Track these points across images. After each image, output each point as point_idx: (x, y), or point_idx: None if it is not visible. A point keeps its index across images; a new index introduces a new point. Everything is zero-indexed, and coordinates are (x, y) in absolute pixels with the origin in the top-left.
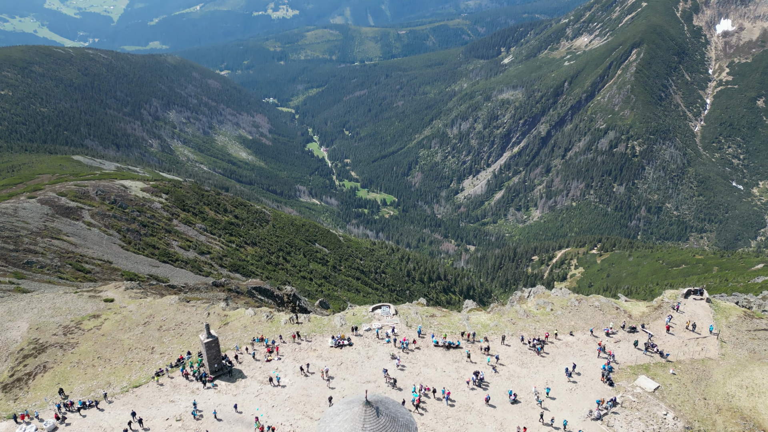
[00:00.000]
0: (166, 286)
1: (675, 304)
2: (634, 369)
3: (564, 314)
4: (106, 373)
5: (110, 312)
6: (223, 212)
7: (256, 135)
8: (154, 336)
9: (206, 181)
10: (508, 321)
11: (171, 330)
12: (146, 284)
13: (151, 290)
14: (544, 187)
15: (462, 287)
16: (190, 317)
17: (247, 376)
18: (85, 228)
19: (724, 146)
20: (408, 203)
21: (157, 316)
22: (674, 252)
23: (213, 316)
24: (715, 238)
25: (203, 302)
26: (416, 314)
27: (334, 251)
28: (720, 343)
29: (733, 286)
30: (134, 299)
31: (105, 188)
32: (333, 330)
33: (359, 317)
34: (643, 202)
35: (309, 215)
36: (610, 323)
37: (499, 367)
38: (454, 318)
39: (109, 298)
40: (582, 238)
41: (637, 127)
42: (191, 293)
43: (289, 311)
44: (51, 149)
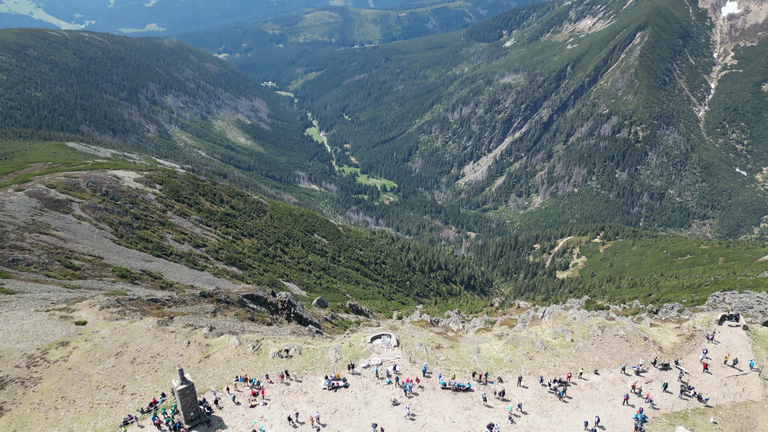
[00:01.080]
0: (148, 300)
1: (709, 333)
2: (670, 418)
3: (586, 346)
4: (69, 419)
5: (81, 338)
6: (219, 203)
7: (255, 120)
8: (126, 371)
9: (204, 168)
10: (524, 355)
11: (145, 364)
12: (125, 300)
13: (131, 306)
14: (546, 173)
15: (463, 277)
16: (168, 347)
17: (228, 425)
18: (75, 222)
19: (728, 131)
20: (408, 189)
21: (131, 345)
22: (679, 241)
23: (193, 346)
24: (718, 224)
25: (184, 325)
26: (420, 346)
27: (334, 242)
28: (763, 382)
29: (742, 281)
30: (109, 321)
31: (96, 179)
32: (327, 366)
33: (356, 349)
34: (646, 188)
35: (308, 202)
36: (640, 360)
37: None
38: (463, 350)
39: (81, 320)
40: (584, 227)
41: (641, 112)
42: (176, 307)
43: (284, 318)
44: (46, 135)
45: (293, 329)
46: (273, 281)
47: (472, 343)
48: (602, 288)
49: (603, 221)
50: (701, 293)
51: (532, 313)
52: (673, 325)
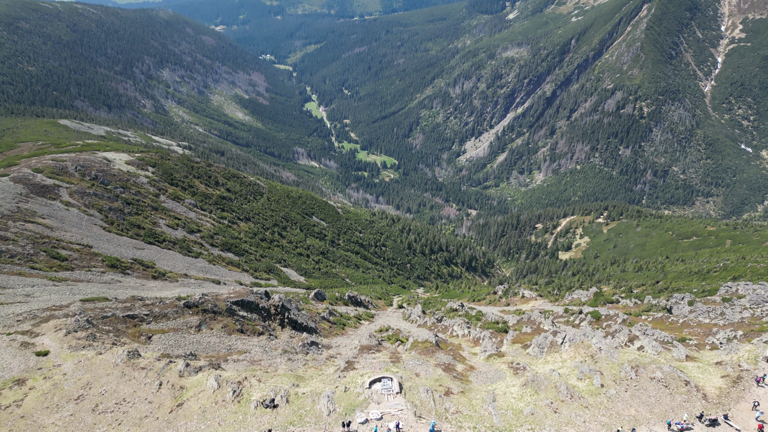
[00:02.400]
0: (124, 317)
1: (758, 376)
2: None
3: (619, 394)
4: None
5: (40, 375)
6: (215, 185)
7: (253, 94)
8: (87, 422)
9: (201, 145)
10: (547, 405)
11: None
12: (98, 318)
13: (103, 327)
14: (548, 149)
15: (464, 258)
16: (136, 390)
17: None
18: (62, 208)
19: (734, 107)
20: (408, 166)
21: (95, 386)
22: (684, 223)
23: (165, 390)
24: (722, 202)
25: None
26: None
27: (333, 224)
28: None
29: (753, 268)
30: (74, 351)
31: (85, 163)
32: (318, 420)
33: (352, 396)
34: (650, 165)
35: (307, 179)
36: (684, 414)
37: None
38: (476, 397)
39: (43, 349)
40: (587, 206)
41: (646, 87)
42: (156, 323)
43: (277, 323)
44: (38, 112)
45: (285, 346)
46: (270, 267)
47: (486, 381)
48: (606, 271)
49: (605, 199)
50: (711, 280)
51: (550, 338)
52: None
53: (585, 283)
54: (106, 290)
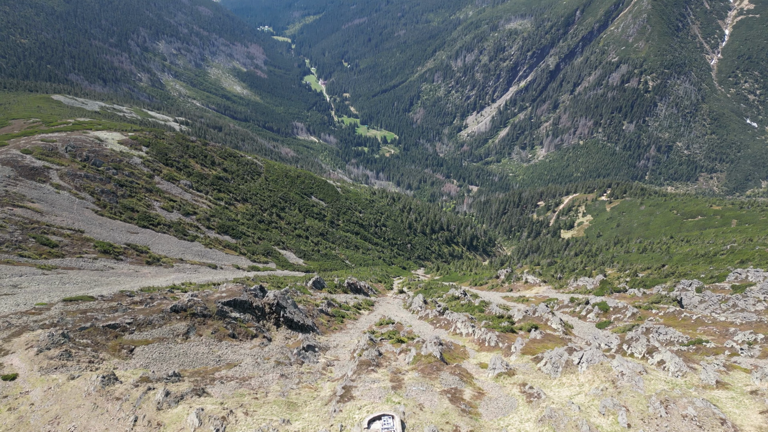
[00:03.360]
0: (104, 327)
1: None
2: None
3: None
4: None
5: (4, 406)
6: (211, 165)
7: (251, 67)
8: None
9: (198, 120)
10: None
11: None
12: (75, 330)
13: (81, 341)
14: (551, 124)
15: (465, 237)
16: (108, 428)
17: None
18: (52, 192)
19: (740, 81)
20: (409, 141)
21: (63, 421)
22: (689, 201)
23: (140, 427)
24: (725, 178)
25: (136, 382)
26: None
27: (332, 204)
28: None
29: (761, 251)
30: (45, 374)
31: (76, 143)
32: None
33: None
34: (654, 140)
35: (307, 155)
36: None
37: None
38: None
39: (11, 373)
40: (590, 183)
41: (652, 61)
42: (139, 332)
43: (272, 323)
44: (32, 86)
45: (278, 356)
46: (268, 250)
47: (497, 412)
48: (610, 252)
49: (608, 175)
50: (718, 264)
51: (565, 356)
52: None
53: (588, 265)
54: (97, 278)
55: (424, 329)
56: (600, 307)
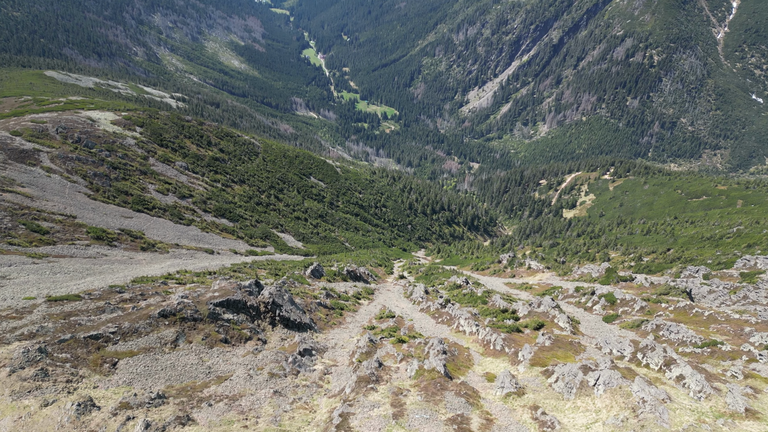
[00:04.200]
0: (86, 338)
1: None
2: None
3: None
4: None
5: None
6: (207, 146)
7: (249, 41)
8: None
9: (195, 96)
10: None
11: None
12: (53, 344)
13: (59, 355)
14: (554, 100)
15: (466, 217)
16: None
17: None
18: (43, 175)
19: (747, 55)
20: (410, 117)
21: None
22: (694, 181)
23: None
24: (729, 155)
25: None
26: None
27: (331, 185)
28: None
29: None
30: (17, 399)
31: (68, 124)
32: None
33: None
34: (657, 116)
35: (306, 131)
36: None
37: None
38: None
39: None
40: (593, 161)
41: (657, 34)
42: (123, 342)
43: (267, 323)
44: (25, 61)
45: (272, 366)
46: (266, 233)
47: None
48: (613, 233)
49: (611, 152)
50: (724, 248)
51: (579, 376)
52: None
53: (591, 247)
54: (90, 266)
55: (425, 324)
56: (607, 299)
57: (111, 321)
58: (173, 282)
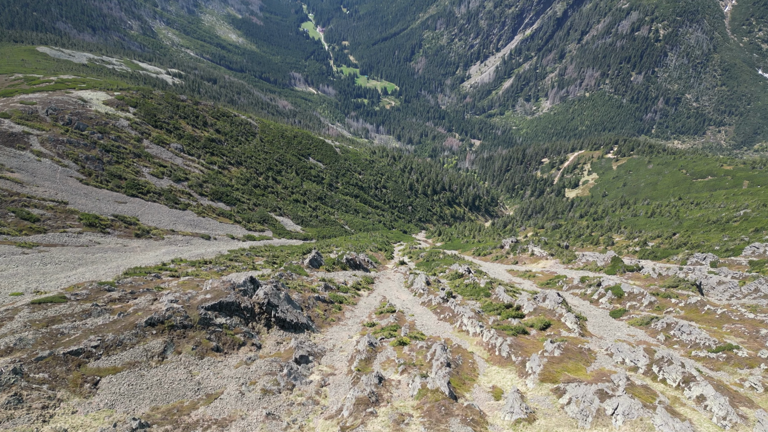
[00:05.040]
0: (65, 354)
1: None
2: None
3: None
4: None
5: None
6: (203, 126)
7: (246, 13)
8: None
9: (192, 72)
10: None
11: None
12: (30, 362)
13: (36, 376)
14: (557, 75)
15: (467, 198)
16: None
17: None
18: (33, 160)
19: (754, 29)
20: (410, 92)
21: None
22: (699, 160)
23: None
24: (734, 132)
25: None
26: None
27: (330, 166)
28: None
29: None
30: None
31: (58, 105)
32: None
33: None
34: (662, 92)
35: (305, 107)
36: None
37: None
38: None
39: None
40: (596, 139)
41: (663, 7)
42: (107, 356)
43: (262, 325)
44: (17, 36)
45: (265, 380)
46: (264, 217)
47: None
48: (616, 215)
49: (614, 129)
50: (731, 233)
51: (596, 403)
52: None
53: (595, 230)
54: (82, 255)
55: (427, 321)
56: (614, 292)
57: (95, 331)
58: (167, 274)
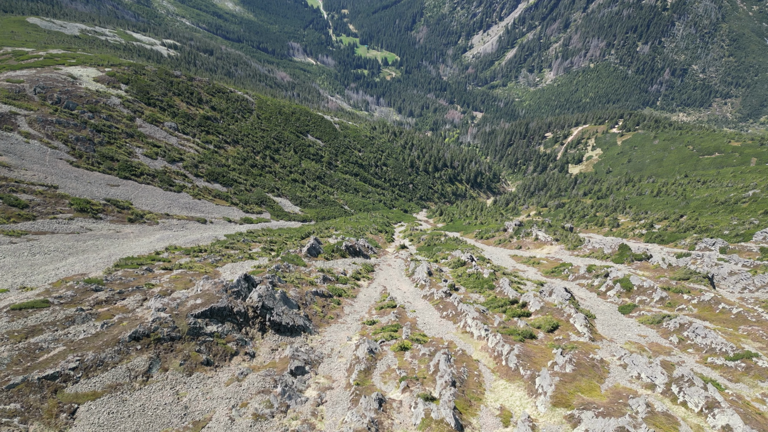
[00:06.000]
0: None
1: None
2: None
3: None
4: None
5: None
6: (198, 103)
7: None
8: None
9: (188, 42)
10: None
11: None
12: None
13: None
14: (561, 45)
15: (469, 174)
16: None
17: None
18: (21, 141)
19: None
20: (411, 63)
21: None
22: (706, 136)
23: None
24: (740, 104)
25: None
26: None
27: (329, 143)
28: None
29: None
30: None
31: (47, 83)
32: None
33: None
34: (668, 63)
35: (304, 79)
36: None
37: None
38: None
39: None
40: (601, 113)
41: None
42: (86, 379)
43: (256, 330)
44: (6, 5)
45: (257, 406)
46: (262, 198)
47: None
48: (621, 193)
49: (618, 101)
50: (740, 215)
51: None
52: None
53: (599, 210)
54: (72, 243)
55: (429, 319)
56: (622, 285)
57: (75, 348)
58: (159, 266)
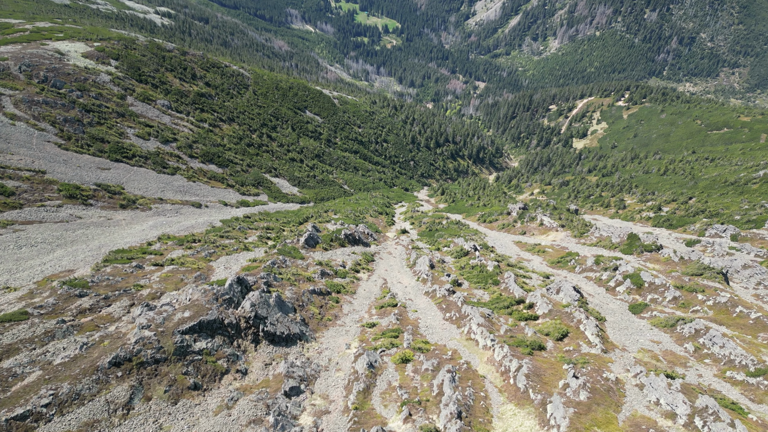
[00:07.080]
0: (9, 420)
1: None
2: None
3: None
4: None
5: None
6: (191, 79)
7: None
8: None
9: (183, 10)
10: None
11: None
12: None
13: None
14: (566, 12)
15: (471, 150)
16: None
17: None
18: (6, 124)
19: None
20: (412, 30)
21: None
22: (715, 111)
23: None
24: (748, 74)
25: None
26: None
27: (328, 119)
28: None
29: None
30: None
31: (33, 60)
32: None
33: None
34: (676, 31)
35: (302, 47)
36: None
37: None
38: None
39: None
40: (607, 85)
41: None
42: (61, 413)
43: (249, 341)
44: None
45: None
46: (259, 179)
47: None
48: (627, 170)
49: (623, 70)
50: (750, 197)
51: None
52: None
53: (605, 190)
54: (61, 233)
55: (432, 322)
56: (633, 281)
57: (50, 377)
58: (150, 262)
